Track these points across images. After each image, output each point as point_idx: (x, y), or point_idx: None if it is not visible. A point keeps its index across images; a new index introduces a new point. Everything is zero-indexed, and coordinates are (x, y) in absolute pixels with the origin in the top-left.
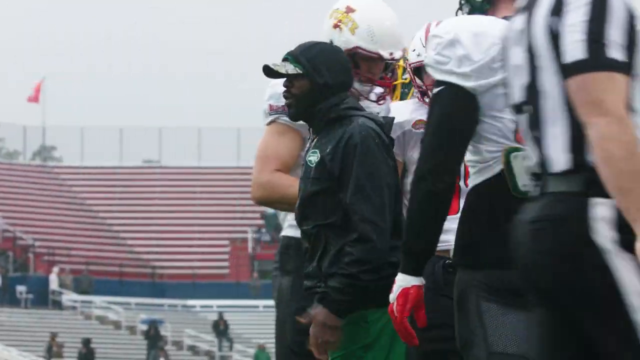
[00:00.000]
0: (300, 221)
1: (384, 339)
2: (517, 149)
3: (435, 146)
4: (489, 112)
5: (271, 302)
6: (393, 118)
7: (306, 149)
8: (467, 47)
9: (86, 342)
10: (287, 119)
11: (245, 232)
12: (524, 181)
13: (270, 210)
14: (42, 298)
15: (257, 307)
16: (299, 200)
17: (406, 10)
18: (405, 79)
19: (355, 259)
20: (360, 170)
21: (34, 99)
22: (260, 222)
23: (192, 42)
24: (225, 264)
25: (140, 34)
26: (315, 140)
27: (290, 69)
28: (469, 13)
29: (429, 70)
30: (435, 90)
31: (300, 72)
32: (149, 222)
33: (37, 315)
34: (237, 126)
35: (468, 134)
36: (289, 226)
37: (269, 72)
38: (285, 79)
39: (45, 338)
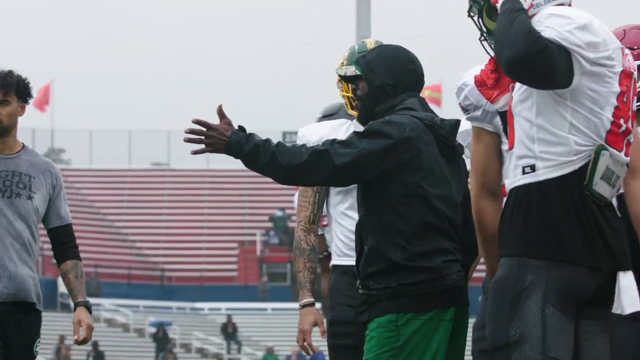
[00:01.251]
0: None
1: (415, 343)
2: (606, 148)
3: (541, 48)
4: (590, 105)
5: (279, 305)
6: (458, 121)
7: None
8: (598, 36)
9: (94, 344)
10: (476, 119)
11: (254, 234)
12: (597, 180)
13: (278, 213)
14: (51, 301)
15: (265, 309)
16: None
17: None
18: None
19: (284, 151)
20: (363, 131)
21: (43, 102)
22: (269, 224)
23: (200, 43)
24: (234, 266)
25: (148, 36)
26: None
27: (350, 71)
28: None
29: (551, 33)
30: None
31: (359, 74)
32: (157, 225)
33: (45, 318)
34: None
35: (555, 77)
36: None
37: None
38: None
39: (54, 341)
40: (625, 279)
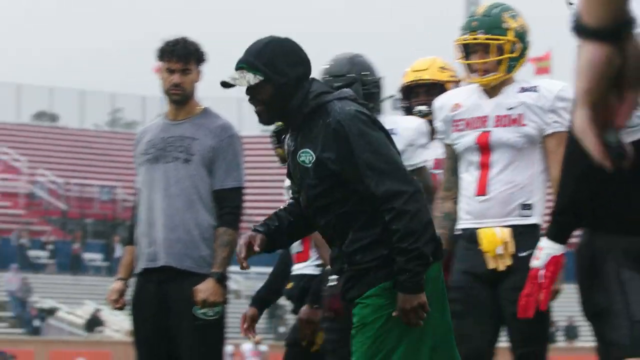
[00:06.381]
0: (315, 217)
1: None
2: None
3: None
4: None
5: None
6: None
7: (288, 146)
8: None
9: None
10: None
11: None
12: None
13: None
14: None
15: None
16: (307, 201)
17: None
18: (513, 52)
19: (403, 234)
20: (363, 156)
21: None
22: None
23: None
24: None
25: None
26: (298, 137)
27: (251, 79)
28: None
29: None
30: None
31: (262, 79)
32: None
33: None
34: (237, 97)
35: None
36: None
37: (228, 85)
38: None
39: None
40: None
